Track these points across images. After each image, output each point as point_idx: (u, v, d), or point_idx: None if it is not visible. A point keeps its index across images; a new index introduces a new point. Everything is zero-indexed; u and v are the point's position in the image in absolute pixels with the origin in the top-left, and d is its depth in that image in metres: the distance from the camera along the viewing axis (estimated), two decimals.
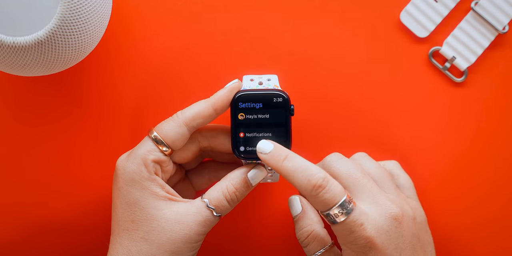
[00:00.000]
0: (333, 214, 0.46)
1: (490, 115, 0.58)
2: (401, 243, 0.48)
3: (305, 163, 0.47)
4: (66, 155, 0.58)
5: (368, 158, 0.53)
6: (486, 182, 0.58)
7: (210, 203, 0.50)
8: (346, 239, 0.47)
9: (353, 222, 0.46)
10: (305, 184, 0.46)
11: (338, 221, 0.46)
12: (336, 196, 0.46)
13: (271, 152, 0.48)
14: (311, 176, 0.46)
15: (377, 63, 0.58)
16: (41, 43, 0.47)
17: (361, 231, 0.47)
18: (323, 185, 0.46)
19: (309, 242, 0.51)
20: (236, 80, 0.51)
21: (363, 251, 0.47)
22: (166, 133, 0.50)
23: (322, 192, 0.46)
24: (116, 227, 0.50)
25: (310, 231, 0.51)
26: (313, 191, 0.46)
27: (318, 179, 0.46)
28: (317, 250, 0.50)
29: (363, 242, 0.47)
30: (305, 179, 0.46)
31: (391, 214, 0.48)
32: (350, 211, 0.46)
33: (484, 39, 0.57)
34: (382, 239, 0.47)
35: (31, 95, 0.58)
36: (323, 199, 0.46)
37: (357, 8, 0.58)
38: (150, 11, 0.58)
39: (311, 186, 0.46)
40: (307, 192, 0.47)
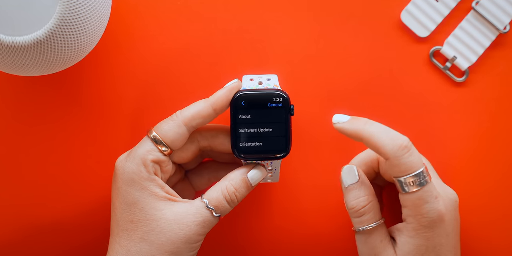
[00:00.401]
0: (409, 181, 0.46)
1: (492, 115, 0.58)
2: (456, 226, 0.49)
3: (387, 127, 0.47)
4: (65, 155, 0.58)
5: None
6: (488, 182, 0.58)
7: (209, 204, 0.50)
8: (417, 210, 0.47)
9: (429, 192, 0.46)
10: (390, 144, 0.46)
11: (410, 190, 0.46)
12: (418, 162, 0.46)
13: (350, 119, 0.48)
14: (396, 136, 0.47)
15: (377, 63, 0.58)
16: (40, 42, 0.47)
17: (435, 203, 0.47)
18: (408, 146, 0.46)
19: (365, 212, 0.49)
20: (235, 80, 0.51)
21: (431, 225, 0.47)
22: (165, 133, 0.50)
23: (407, 153, 0.46)
24: (115, 228, 0.50)
25: (368, 200, 0.49)
26: (399, 151, 0.46)
27: (403, 140, 0.46)
28: (371, 222, 0.49)
29: (435, 215, 0.47)
30: (390, 140, 0.46)
31: (453, 196, 0.49)
32: (425, 183, 0.47)
33: (485, 39, 0.57)
34: (448, 217, 0.47)
35: (30, 95, 0.58)
36: (407, 161, 0.46)
37: (358, 8, 0.58)
38: (149, 10, 0.57)
39: (397, 146, 0.46)
40: (392, 152, 0.46)
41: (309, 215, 0.58)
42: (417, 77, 0.58)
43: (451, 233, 0.48)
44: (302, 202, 0.58)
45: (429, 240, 0.47)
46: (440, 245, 0.47)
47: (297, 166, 0.58)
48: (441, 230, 0.47)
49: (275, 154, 0.50)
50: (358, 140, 0.48)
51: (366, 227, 0.49)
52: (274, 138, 0.50)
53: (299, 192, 0.58)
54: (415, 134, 0.57)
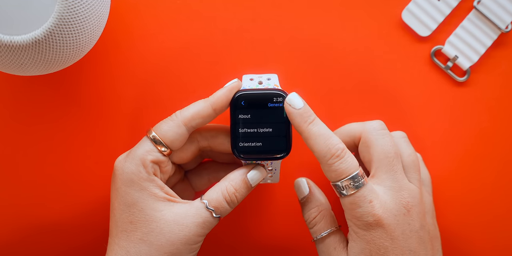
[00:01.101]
0: (343, 185, 0.47)
1: (493, 115, 0.58)
2: (407, 231, 0.48)
3: (329, 131, 0.48)
4: (64, 155, 0.58)
5: (406, 140, 0.54)
6: (488, 182, 0.58)
7: (209, 204, 0.50)
8: (352, 214, 0.48)
9: (362, 197, 0.47)
10: (324, 151, 0.47)
11: (347, 194, 0.47)
12: (350, 168, 0.47)
13: (301, 109, 0.49)
14: (332, 145, 0.47)
15: (378, 62, 0.58)
16: (39, 42, 0.47)
17: (369, 207, 0.47)
18: (341, 155, 0.47)
19: (316, 222, 0.51)
20: (235, 80, 0.51)
21: (368, 228, 0.47)
22: (164, 133, 0.50)
23: (338, 161, 0.47)
24: (114, 228, 0.50)
25: (318, 211, 0.51)
26: (330, 159, 0.47)
27: (337, 149, 0.47)
28: (324, 230, 0.51)
29: (369, 219, 0.47)
30: (325, 147, 0.48)
31: (402, 201, 0.48)
32: (361, 186, 0.47)
33: (487, 38, 0.57)
34: (390, 221, 0.47)
35: (28, 95, 0.58)
36: (337, 169, 0.47)
37: (358, 7, 0.58)
38: (149, 9, 0.57)
39: (330, 154, 0.47)
40: (324, 160, 0.48)
41: None
42: (418, 76, 0.58)
43: (400, 237, 0.48)
44: None
45: (370, 243, 0.48)
46: (384, 248, 0.47)
47: (298, 166, 0.58)
48: (381, 234, 0.47)
49: (275, 155, 0.50)
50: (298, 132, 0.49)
51: (320, 236, 0.51)
52: (274, 138, 0.50)
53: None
54: (415, 134, 0.57)
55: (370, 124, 0.51)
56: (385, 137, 0.50)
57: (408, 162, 0.51)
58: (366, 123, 0.51)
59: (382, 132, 0.51)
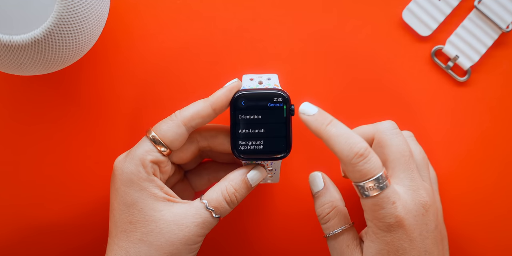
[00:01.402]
0: (367, 186, 0.47)
1: (494, 115, 0.58)
2: (424, 231, 0.48)
3: (349, 130, 0.47)
4: (63, 155, 0.58)
5: (414, 139, 0.53)
6: (490, 182, 0.58)
7: (209, 204, 0.50)
8: (374, 215, 0.47)
9: (386, 198, 0.47)
10: (346, 150, 0.46)
11: (370, 195, 0.47)
12: (374, 169, 0.47)
13: (316, 114, 0.48)
14: (354, 144, 0.46)
15: (378, 62, 0.58)
16: (38, 41, 0.47)
17: (392, 209, 0.47)
18: (365, 154, 0.46)
19: (330, 218, 0.50)
20: (235, 80, 0.51)
21: (389, 229, 0.47)
22: (164, 133, 0.50)
23: (362, 161, 0.46)
24: (113, 229, 0.50)
25: (332, 207, 0.50)
26: (354, 159, 0.46)
27: (360, 148, 0.46)
28: (337, 227, 0.50)
29: (392, 220, 0.47)
30: (347, 146, 0.46)
31: (421, 201, 0.48)
32: (384, 187, 0.47)
33: (488, 38, 0.57)
34: (410, 222, 0.47)
35: (27, 95, 0.58)
36: (362, 169, 0.46)
37: (358, 7, 0.58)
38: (149, 9, 0.57)
39: (353, 154, 0.46)
40: (347, 159, 0.46)
41: (309, 216, 0.58)
42: (418, 76, 0.58)
43: (418, 237, 0.47)
44: (302, 203, 0.58)
45: (389, 245, 0.47)
46: (403, 249, 0.47)
47: (298, 166, 0.58)
48: (401, 235, 0.47)
49: (275, 155, 0.50)
50: (318, 137, 0.49)
51: (333, 232, 0.50)
52: (274, 139, 0.50)
53: (299, 193, 0.58)
54: (417, 134, 0.57)
55: (382, 125, 0.51)
56: (399, 137, 0.50)
57: (419, 161, 0.51)
58: (378, 124, 0.51)
59: (395, 131, 0.50)
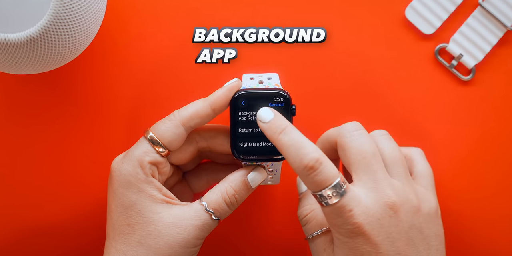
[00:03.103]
0: (325, 195, 0.46)
1: (498, 114, 0.58)
2: (394, 233, 0.47)
3: (302, 139, 0.46)
4: (59, 156, 0.58)
5: (387, 137, 0.52)
6: (492, 183, 0.58)
7: (208, 206, 0.49)
8: (333, 222, 0.47)
9: (342, 207, 0.46)
10: (297, 162, 0.45)
11: (330, 203, 0.46)
12: (327, 179, 0.45)
13: (270, 122, 0.47)
14: (304, 155, 0.45)
15: (381, 61, 0.58)
16: (34, 40, 0.47)
17: (349, 217, 0.46)
18: (315, 167, 0.45)
19: (307, 221, 0.51)
20: (235, 79, 0.51)
21: (349, 236, 0.46)
22: (162, 134, 0.50)
23: (313, 174, 0.45)
24: (111, 231, 0.50)
25: (310, 210, 0.51)
26: (304, 171, 0.45)
27: (310, 159, 0.45)
28: (315, 230, 0.50)
29: (349, 227, 0.46)
30: (297, 158, 0.45)
31: (386, 202, 0.47)
32: (343, 194, 0.46)
33: (492, 36, 0.57)
34: (372, 226, 0.46)
35: (23, 94, 0.58)
36: (313, 181, 0.46)
37: (361, 4, 0.57)
38: (147, 7, 0.57)
39: (302, 166, 0.45)
40: (298, 171, 0.46)
41: None
42: (422, 75, 0.58)
43: (384, 241, 0.46)
44: None
45: (352, 250, 0.47)
46: (368, 254, 0.47)
47: None
48: (362, 240, 0.46)
49: (276, 156, 0.50)
50: None
51: (311, 235, 0.50)
52: None
53: None
54: (419, 133, 0.57)
55: (343, 127, 0.50)
56: (360, 138, 0.49)
57: (389, 159, 0.50)
58: (341, 127, 0.50)
59: (356, 133, 0.49)
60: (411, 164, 0.53)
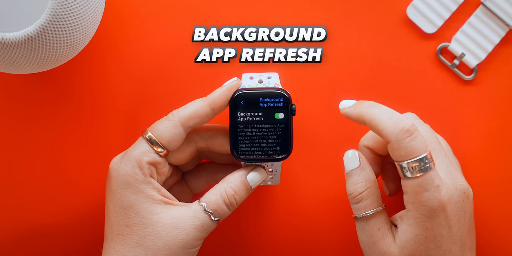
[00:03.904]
0: (411, 166, 0.45)
1: (501, 114, 0.58)
2: (462, 218, 0.47)
3: (392, 110, 0.47)
4: (57, 157, 0.58)
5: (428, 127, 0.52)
6: (495, 183, 0.58)
7: (208, 207, 0.49)
8: (417, 198, 0.46)
9: (431, 180, 0.45)
10: (392, 126, 0.45)
11: (413, 176, 0.45)
12: (421, 147, 0.45)
13: (355, 103, 0.48)
14: (400, 120, 0.46)
15: (382, 60, 0.57)
16: (31, 39, 0.47)
17: (436, 192, 0.46)
18: (411, 131, 0.45)
19: (362, 198, 0.49)
20: (235, 78, 0.51)
21: (431, 214, 0.46)
22: (161, 134, 0.50)
23: (409, 138, 0.45)
24: (109, 232, 0.50)
25: (366, 187, 0.49)
26: (400, 134, 0.45)
27: (406, 123, 0.45)
28: (369, 209, 0.49)
29: (435, 204, 0.46)
30: (392, 122, 0.45)
31: (462, 186, 0.47)
32: (428, 169, 0.46)
33: (495, 35, 0.57)
34: (451, 208, 0.46)
35: (20, 94, 0.58)
36: (408, 146, 0.45)
37: (362, 3, 0.57)
38: (145, 6, 0.57)
39: (398, 129, 0.45)
40: (393, 135, 0.45)
41: (311, 219, 0.58)
42: (423, 75, 0.57)
43: (456, 225, 0.47)
44: (304, 205, 0.58)
45: (428, 230, 0.46)
46: (440, 236, 0.47)
47: (299, 168, 0.58)
48: (442, 221, 0.46)
49: (276, 156, 0.50)
50: (362, 123, 0.48)
51: (364, 214, 0.49)
52: (275, 139, 0.50)
53: (300, 195, 0.58)
54: None
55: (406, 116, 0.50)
56: (424, 125, 0.50)
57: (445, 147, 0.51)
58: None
59: (419, 121, 0.50)
60: None
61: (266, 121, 0.49)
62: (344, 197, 0.52)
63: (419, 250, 0.47)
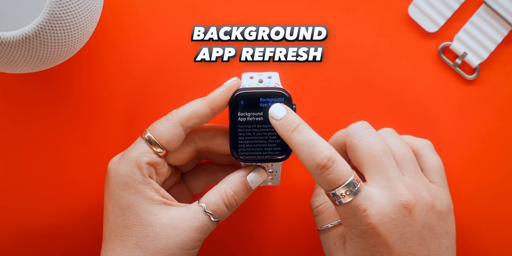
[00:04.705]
0: (338, 194, 0.46)
1: (503, 114, 0.57)
2: (407, 233, 0.47)
3: (314, 137, 0.46)
4: (55, 157, 0.58)
5: (394, 135, 0.52)
6: (497, 183, 0.58)
7: (207, 208, 0.49)
8: (347, 222, 0.47)
9: (355, 207, 0.46)
10: (309, 161, 0.46)
11: (343, 202, 0.46)
12: (340, 178, 0.46)
13: (282, 119, 0.47)
14: (317, 154, 0.46)
15: (384, 60, 0.57)
16: (29, 38, 0.47)
17: (363, 217, 0.46)
18: (327, 165, 0.45)
19: (319, 212, 0.51)
20: (234, 78, 0.51)
21: (363, 236, 0.46)
22: (160, 134, 0.50)
23: (325, 172, 0.46)
24: (108, 233, 0.50)
25: (322, 201, 0.51)
26: (316, 170, 0.46)
27: (323, 158, 0.45)
28: (326, 222, 0.50)
29: (364, 228, 0.46)
30: (310, 156, 0.46)
31: (401, 202, 0.47)
32: (357, 193, 0.46)
33: (497, 34, 0.57)
34: (386, 227, 0.46)
35: (18, 94, 0.57)
36: (326, 180, 0.46)
37: (363, 2, 0.57)
38: (144, 4, 0.57)
39: (315, 165, 0.46)
40: (311, 170, 0.46)
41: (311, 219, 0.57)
42: (425, 74, 0.57)
43: (398, 241, 0.46)
44: (304, 206, 0.58)
45: (364, 250, 0.47)
46: (380, 254, 0.47)
47: (299, 168, 0.57)
48: (376, 241, 0.46)
49: (276, 156, 0.50)
50: None
51: (324, 227, 0.50)
52: (275, 139, 0.50)
53: (301, 196, 0.58)
54: (423, 134, 0.57)
55: (351, 128, 0.50)
56: (369, 136, 0.49)
57: (399, 156, 0.50)
58: (348, 127, 0.50)
59: (364, 133, 0.49)
60: (421, 159, 0.52)
61: (266, 121, 0.49)
62: None
63: None
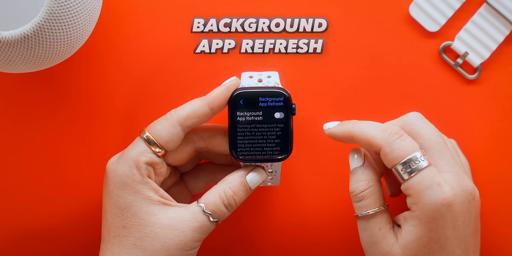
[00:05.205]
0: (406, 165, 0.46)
1: (505, 114, 0.57)
2: (467, 220, 0.47)
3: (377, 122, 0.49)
4: (54, 157, 0.58)
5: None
6: (499, 182, 0.58)
7: (206, 208, 0.49)
8: (419, 197, 0.46)
9: (430, 177, 0.46)
10: (380, 133, 0.47)
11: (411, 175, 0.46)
12: (412, 146, 0.47)
13: (340, 123, 0.50)
14: (387, 127, 0.48)
15: (384, 59, 0.57)
16: (28, 37, 0.47)
17: (439, 190, 0.45)
18: (399, 133, 0.47)
19: (364, 197, 0.49)
20: (234, 77, 0.51)
21: (435, 214, 0.45)
22: (159, 133, 0.50)
23: (399, 139, 0.47)
24: (106, 233, 0.50)
25: (368, 185, 0.49)
26: (389, 137, 0.47)
27: (393, 128, 0.47)
28: (371, 208, 0.48)
29: (439, 202, 0.45)
30: (380, 130, 0.48)
31: (468, 187, 0.47)
32: (424, 166, 0.46)
33: (499, 34, 0.56)
34: (457, 208, 0.46)
35: (17, 93, 0.57)
36: (400, 146, 0.47)
37: (364, 1, 0.57)
38: (143, 4, 0.57)
39: (387, 133, 0.47)
40: (383, 140, 0.47)
41: (311, 220, 0.58)
42: (426, 74, 0.57)
43: (461, 226, 0.46)
44: (304, 206, 0.58)
45: (433, 232, 0.46)
46: (445, 238, 0.46)
47: (299, 168, 0.58)
48: (447, 221, 0.46)
49: (275, 156, 0.50)
50: (350, 141, 0.49)
51: (365, 213, 0.49)
52: (274, 139, 0.50)
53: (300, 196, 0.58)
54: None
55: (409, 116, 0.50)
56: (429, 125, 0.49)
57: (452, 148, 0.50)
58: (405, 116, 0.50)
59: (424, 121, 0.50)
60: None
61: (265, 120, 0.49)
62: (344, 197, 0.52)
63: (422, 252, 0.46)
